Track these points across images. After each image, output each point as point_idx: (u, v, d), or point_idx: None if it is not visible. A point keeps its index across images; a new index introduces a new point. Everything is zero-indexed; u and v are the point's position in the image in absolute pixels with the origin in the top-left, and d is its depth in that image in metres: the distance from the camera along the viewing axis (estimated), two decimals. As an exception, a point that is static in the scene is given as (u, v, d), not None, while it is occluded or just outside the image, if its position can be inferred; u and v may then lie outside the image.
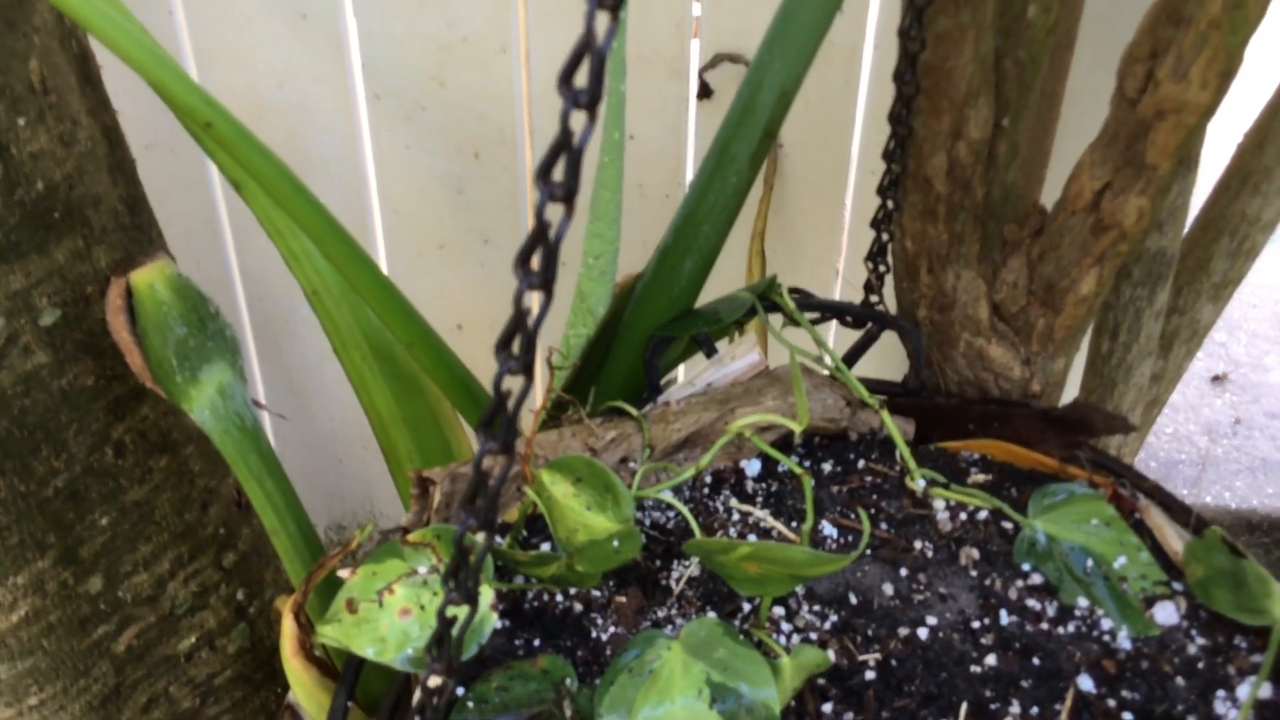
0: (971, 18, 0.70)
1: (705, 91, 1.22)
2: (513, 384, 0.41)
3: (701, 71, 1.20)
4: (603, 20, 0.95)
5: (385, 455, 0.95)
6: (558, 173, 0.39)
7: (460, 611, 0.44)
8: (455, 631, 0.45)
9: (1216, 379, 2.14)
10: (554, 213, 0.43)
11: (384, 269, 1.35)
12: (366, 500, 1.57)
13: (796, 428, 0.65)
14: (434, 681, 0.45)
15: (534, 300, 0.92)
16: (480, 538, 0.43)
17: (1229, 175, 1.07)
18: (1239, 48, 0.69)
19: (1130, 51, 0.72)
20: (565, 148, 0.39)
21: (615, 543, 0.65)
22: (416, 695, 0.55)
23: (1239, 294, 2.38)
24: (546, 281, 0.40)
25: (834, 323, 0.98)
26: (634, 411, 0.78)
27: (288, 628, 0.84)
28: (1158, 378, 1.17)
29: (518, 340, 0.42)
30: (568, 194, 0.39)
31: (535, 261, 0.41)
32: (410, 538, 0.67)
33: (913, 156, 0.78)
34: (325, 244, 0.76)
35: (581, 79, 0.37)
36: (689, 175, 1.28)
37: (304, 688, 0.86)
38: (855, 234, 1.31)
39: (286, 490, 0.91)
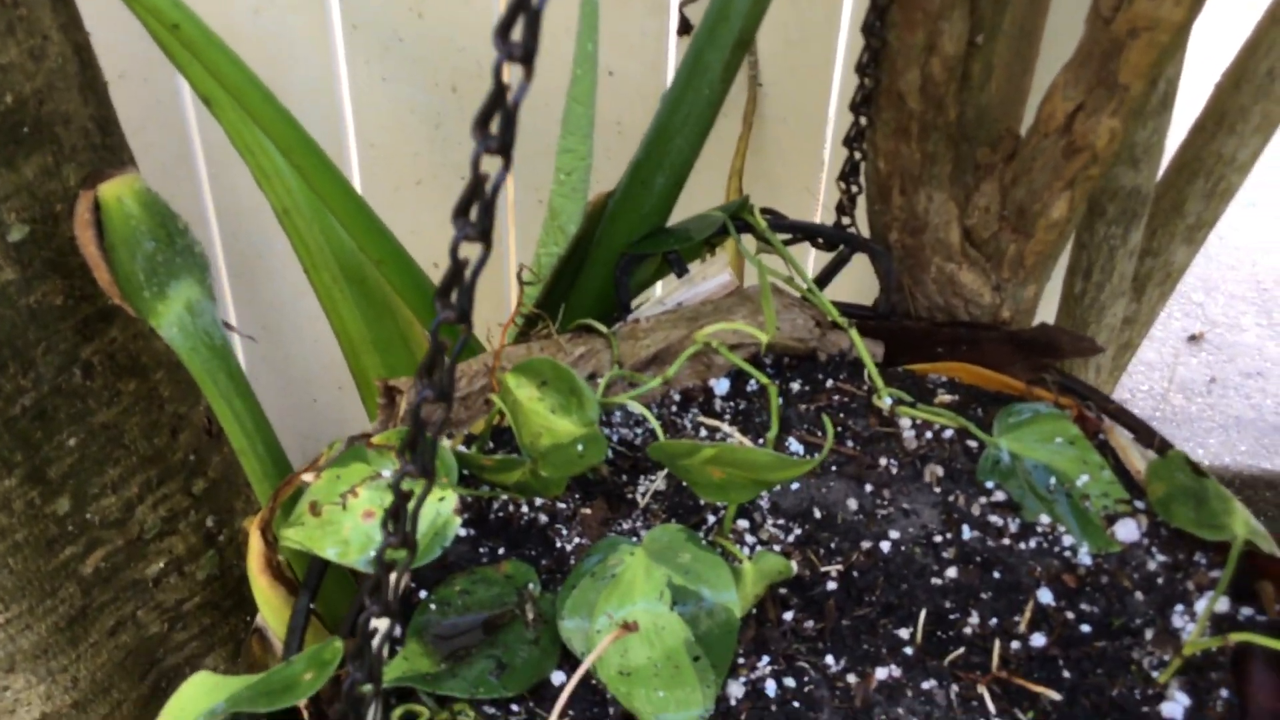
0: (945, -73, 0.69)
1: (685, 27, 1.21)
2: (470, 253, 0.41)
3: (681, 6, 1.19)
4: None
5: (355, 379, 0.95)
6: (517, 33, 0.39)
7: (416, 486, 0.44)
8: (412, 505, 0.45)
9: (1193, 338, 2.15)
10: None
11: (360, 204, 1.35)
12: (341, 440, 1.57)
13: (764, 338, 0.65)
14: (390, 556, 0.45)
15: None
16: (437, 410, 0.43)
17: (1205, 115, 1.07)
18: (1213, -36, 0.69)
19: (1105, -31, 0.72)
20: (524, 6, 0.38)
21: (580, 446, 0.65)
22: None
23: (1217, 255, 2.40)
24: (505, 145, 0.40)
25: (808, 249, 0.98)
26: (603, 328, 0.78)
27: (254, 545, 0.84)
28: (1130, 321, 1.17)
29: (475, 208, 0.41)
30: (527, 54, 0.39)
31: (493, 125, 0.40)
32: (374, 440, 0.67)
33: (886, 71, 0.78)
34: (294, 154, 0.76)
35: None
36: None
37: (270, 606, 0.85)
38: (834, 174, 1.30)
39: (255, 411, 0.91)
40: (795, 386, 0.80)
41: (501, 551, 0.69)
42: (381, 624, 0.47)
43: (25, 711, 1.00)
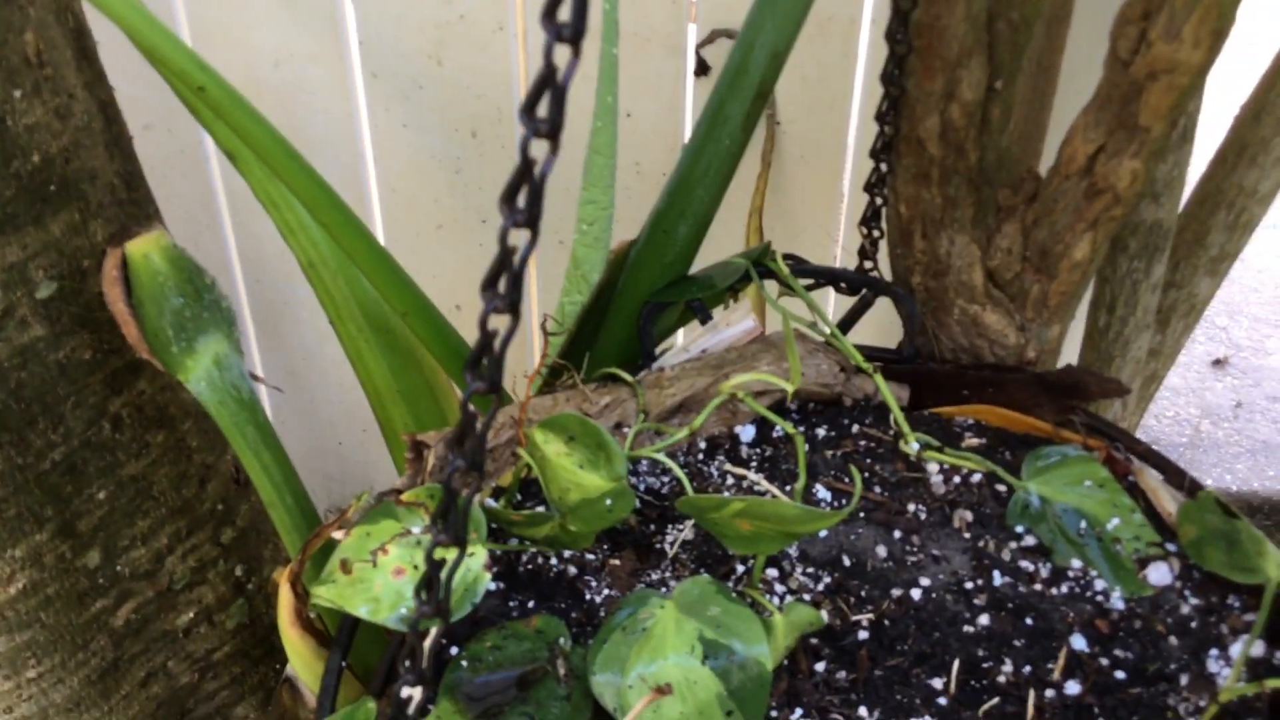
0: (962, -24, 0.70)
1: (702, 68, 1.22)
2: (499, 324, 0.41)
3: (698, 48, 1.20)
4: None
5: (382, 428, 0.96)
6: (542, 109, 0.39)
7: (449, 553, 0.44)
8: (444, 574, 0.45)
9: (1217, 362, 2.13)
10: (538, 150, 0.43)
11: (382, 249, 1.36)
12: (365, 483, 1.58)
13: (789, 387, 0.65)
14: (424, 625, 0.45)
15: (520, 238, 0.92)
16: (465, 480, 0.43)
17: (1226, 148, 1.07)
18: (1231, 6, 0.69)
19: (1123, 12, 0.72)
20: (549, 83, 0.39)
21: (608, 501, 0.65)
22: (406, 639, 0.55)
23: (1240, 278, 2.38)
24: (532, 219, 0.41)
25: (830, 292, 0.98)
26: (628, 377, 0.78)
27: (284, 597, 0.84)
28: (1155, 353, 1.17)
29: (504, 280, 0.42)
30: (553, 130, 0.39)
31: (520, 199, 0.41)
32: (404, 497, 0.67)
33: (905, 118, 0.78)
34: (320, 211, 0.76)
35: (565, 14, 0.37)
36: (686, 152, 1.28)
37: (301, 658, 0.86)
38: (853, 211, 1.31)
39: (283, 462, 0.91)
40: (821, 432, 0.80)
41: (531, 605, 0.69)
42: (415, 692, 0.47)
43: (59, 765, 1.00)
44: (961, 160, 0.78)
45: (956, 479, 0.77)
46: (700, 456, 0.79)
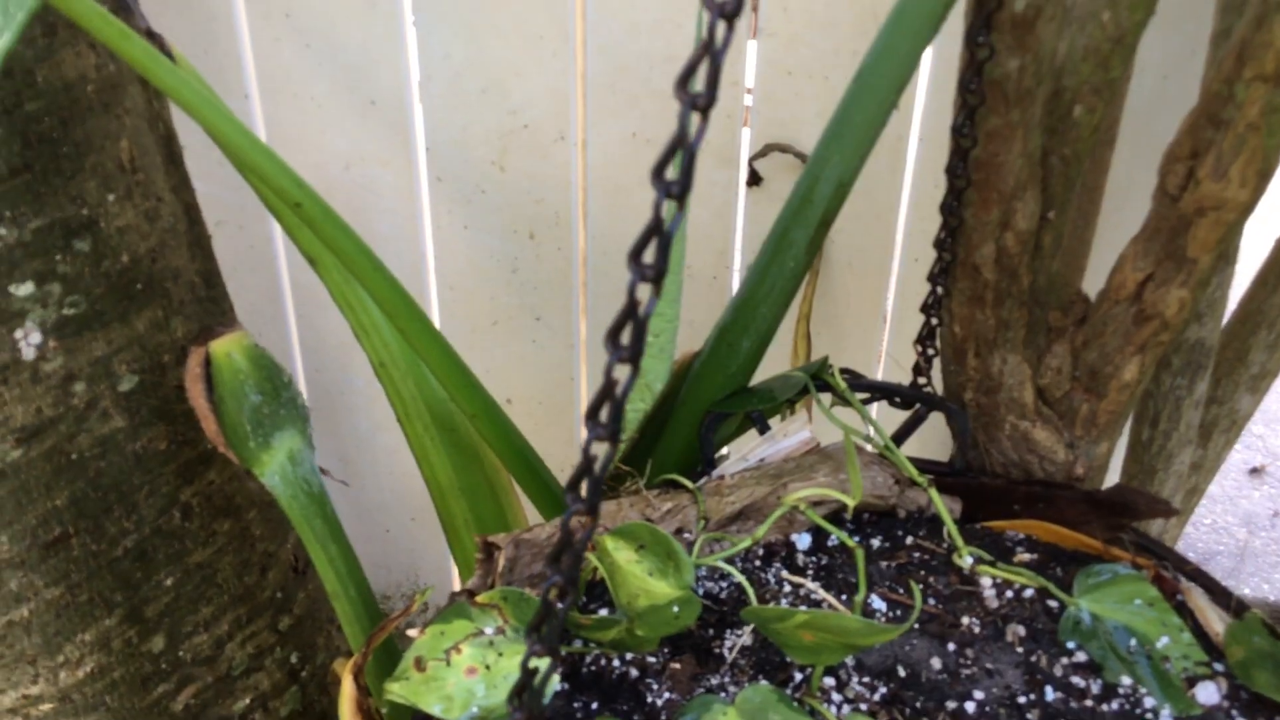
0: (1021, 117, 0.74)
1: (754, 179, 1.27)
2: (599, 449, 0.45)
3: (751, 160, 1.24)
4: (695, 120, 0.99)
5: (443, 523, 0.98)
6: (648, 255, 0.43)
7: (542, 663, 0.47)
8: (537, 682, 0.47)
9: (1255, 471, 2.14)
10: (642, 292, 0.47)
11: (439, 344, 1.40)
12: (411, 571, 1.60)
13: (850, 502, 0.68)
14: None
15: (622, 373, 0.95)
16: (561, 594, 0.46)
17: (1268, 268, 1.09)
18: (1276, 149, 0.73)
19: (1171, 151, 0.76)
20: (657, 231, 0.42)
21: (675, 608, 0.67)
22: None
23: (1275, 387, 2.39)
24: (635, 355, 0.44)
25: (881, 403, 1.01)
26: (689, 484, 0.81)
27: (347, 689, 0.86)
28: (1197, 466, 1.19)
29: (606, 408, 0.45)
30: (658, 275, 0.42)
31: (625, 336, 0.44)
32: (478, 599, 0.70)
33: (962, 245, 0.81)
34: (398, 318, 0.80)
35: (673, 172, 0.41)
36: (737, 259, 1.32)
37: (360, 749, 0.88)
38: (898, 317, 1.34)
39: (349, 555, 0.94)
40: (876, 543, 0.82)
41: (595, 706, 0.71)
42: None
43: None
44: (1015, 284, 0.81)
45: (1009, 593, 0.79)
46: (758, 563, 0.81)
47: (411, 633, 0.72)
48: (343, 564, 0.94)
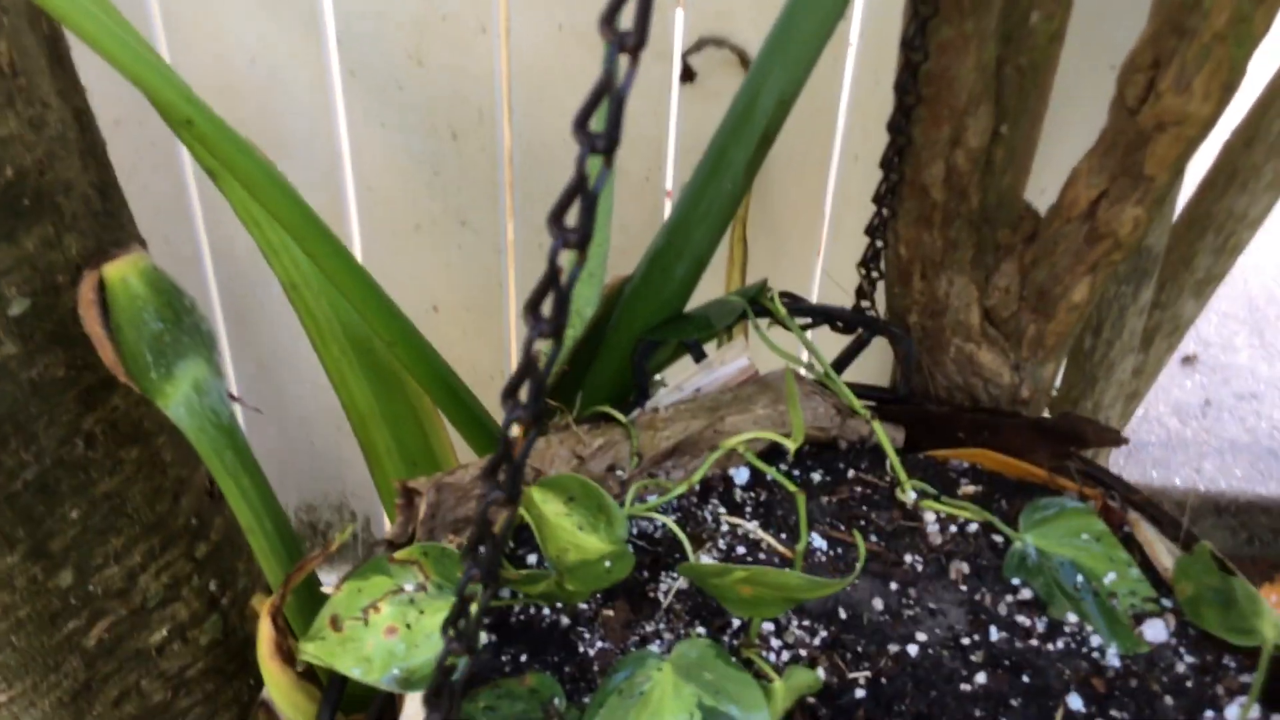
0: (976, 26, 0.68)
1: (688, 74, 1.20)
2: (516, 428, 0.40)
3: (685, 55, 1.18)
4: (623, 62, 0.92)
5: (364, 451, 0.94)
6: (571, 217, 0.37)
7: (460, 660, 0.43)
8: (455, 678, 0.43)
9: (1186, 360, 2.15)
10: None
11: (358, 250, 1.33)
12: (338, 480, 1.56)
13: (791, 445, 0.64)
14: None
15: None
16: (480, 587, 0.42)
17: (1215, 172, 1.06)
18: (1243, 61, 0.68)
19: (1132, 59, 0.71)
20: (581, 191, 0.37)
21: (607, 563, 0.64)
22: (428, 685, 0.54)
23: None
24: (557, 329, 0.39)
25: (822, 327, 0.97)
26: (622, 418, 0.77)
27: (265, 630, 0.83)
28: (1138, 372, 1.17)
29: (526, 387, 0.40)
30: (582, 240, 0.37)
31: (546, 307, 0.39)
32: (397, 555, 0.66)
33: (910, 164, 0.77)
34: (305, 241, 0.74)
35: (598, 124, 0.35)
36: (670, 157, 1.26)
37: (280, 689, 0.84)
38: (837, 221, 1.29)
39: (262, 487, 0.89)
40: (816, 477, 0.79)
41: (524, 658, 0.68)
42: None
43: (30, 790, 0.98)
44: (964, 204, 0.77)
45: (953, 528, 0.76)
46: (694, 500, 0.77)
47: (328, 589, 0.68)
48: (257, 497, 0.89)
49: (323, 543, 1.63)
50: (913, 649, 0.69)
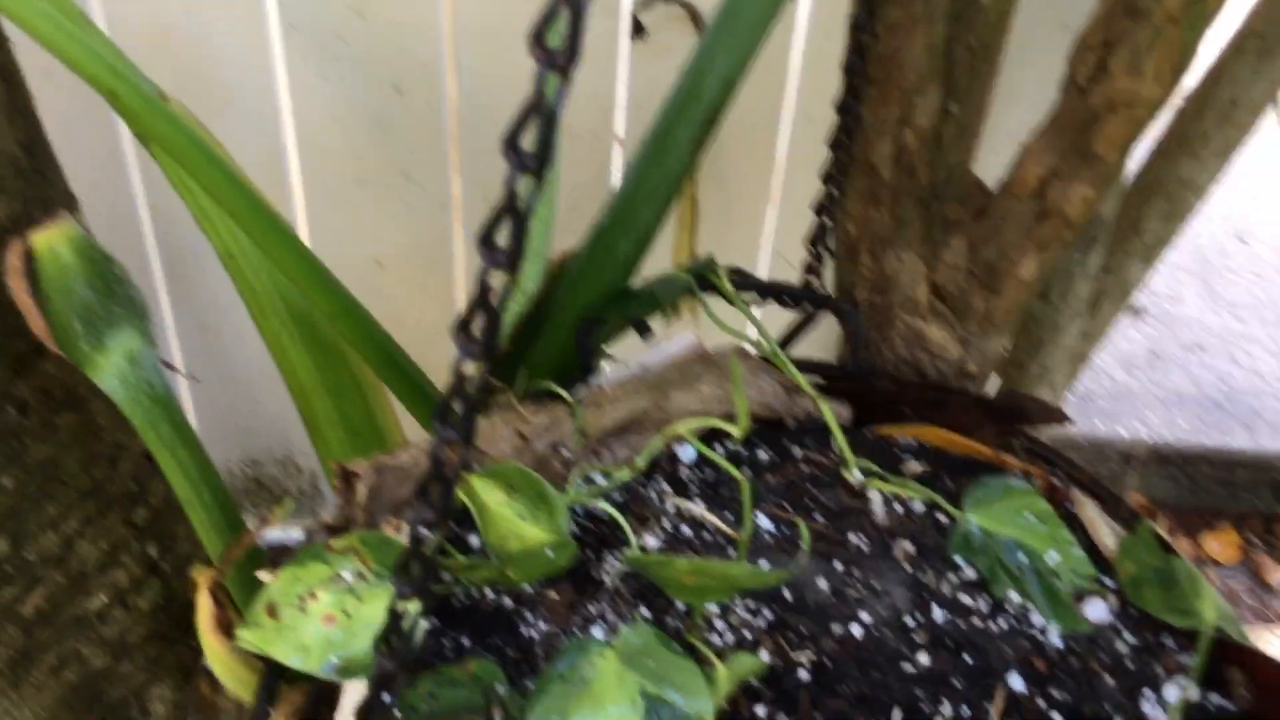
0: (925, 8, 0.67)
1: (638, 30, 1.18)
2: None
3: (635, 12, 1.15)
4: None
5: (305, 422, 0.92)
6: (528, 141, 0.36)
7: (411, 605, 0.42)
8: (407, 626, 0.43)
9: (1134, 312, 2.16)
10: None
11: (300, 204, 1.30)
12: (281, 435, 1.54)
13: (737, 432, 0.63)
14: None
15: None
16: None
17: (1166, 139, 1.06)
18: (1195, 43, 0.68)
19: (1083, 38, 0.70)
20: (537, 109, 0.35)
21: (550, 552, 0.63)
22: (362, 694, 0.53)
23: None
24: (514, 259, 0.38)
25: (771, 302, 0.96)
26: (566, 396, 0.76)
27: (204, 605, 0.82)
28: (1086, 335, 1.17)
29: (478, 320, 0.39)
30: (540, 162, 0.36)
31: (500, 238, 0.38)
32: (334, 543, 0.65)
33: (858, 143, 0.75)
34: (240, 217, 0.72)
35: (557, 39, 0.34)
36: (620, 115, 1.24)
37: (221, 662, 0.83)
38: (787, 183, 1.28)
39: (200, 458, 0.88)
40: (763, 455, 0.79)
41: (466, 642, 0.68)
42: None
43: (-31, 761, 0.97)
44: (913, 182, 0.76)
45: (899, 507, 0.76)
46: (640, 479, 0.77)
47: (264, 575, 0.67)
48: (194, 468, 0.88)
49: (267, 499, 1.62)
50: (857, 629, 0.69)
